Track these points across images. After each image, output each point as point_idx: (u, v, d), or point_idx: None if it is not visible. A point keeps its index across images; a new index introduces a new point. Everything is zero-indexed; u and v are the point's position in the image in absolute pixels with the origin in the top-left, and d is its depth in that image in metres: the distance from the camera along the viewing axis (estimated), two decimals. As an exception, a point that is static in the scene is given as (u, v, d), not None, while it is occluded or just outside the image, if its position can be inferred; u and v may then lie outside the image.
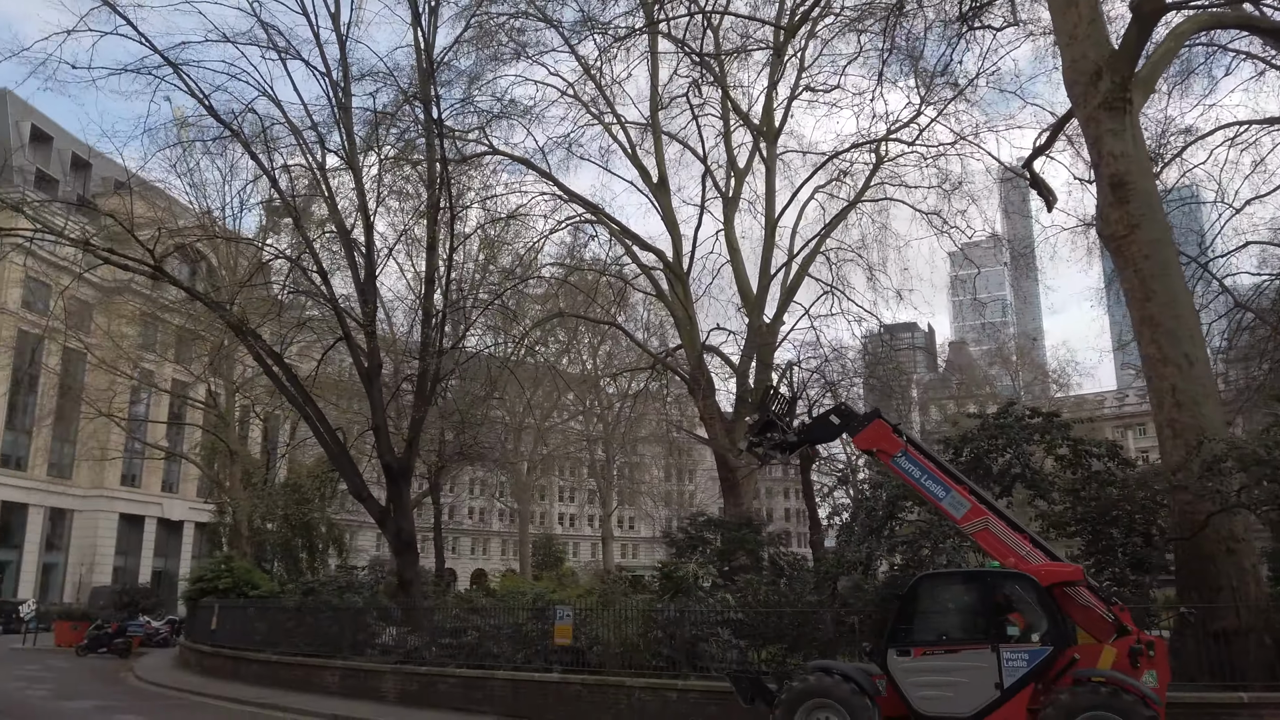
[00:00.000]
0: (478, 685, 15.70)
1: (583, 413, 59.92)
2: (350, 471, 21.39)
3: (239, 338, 20.79)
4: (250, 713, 16.34)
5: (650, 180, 30.95)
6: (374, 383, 21.34)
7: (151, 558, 60.48)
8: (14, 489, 51.32)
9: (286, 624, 21.35)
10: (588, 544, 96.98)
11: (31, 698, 18.40)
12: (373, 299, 21.49)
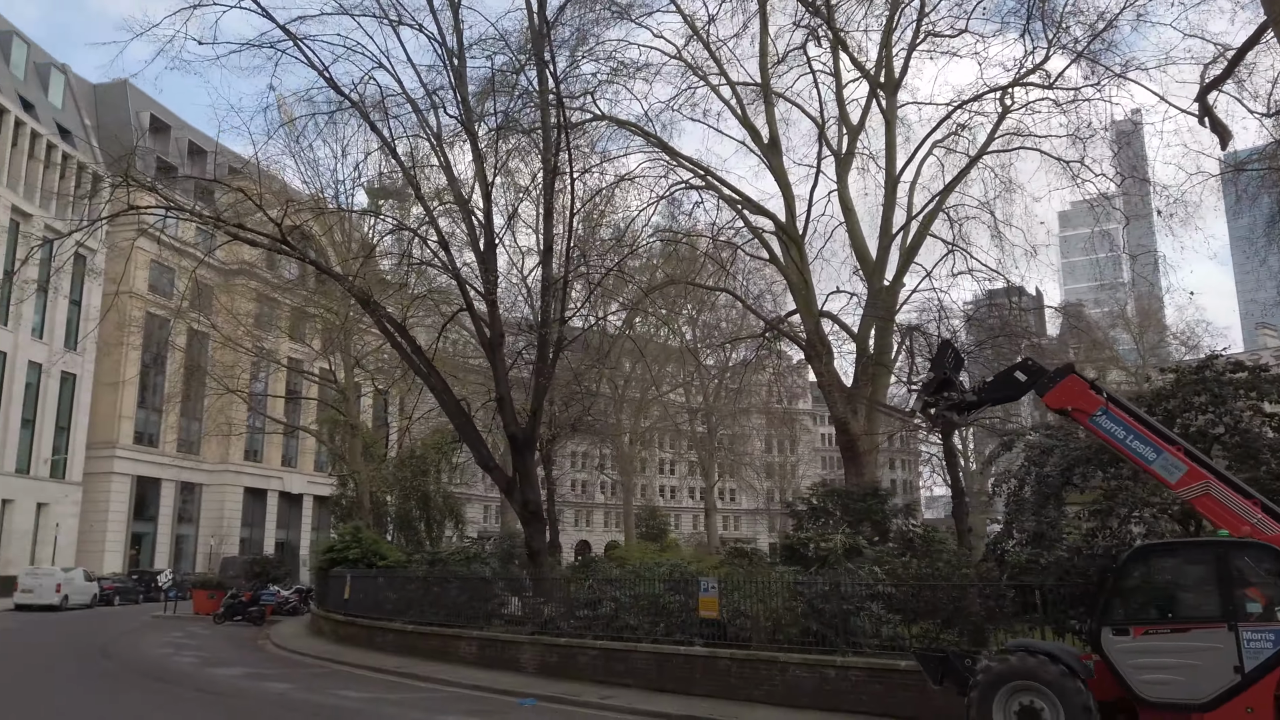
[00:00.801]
0: (619, 658, 15.30)
1: (684, 385, 59.41)
2: (477, 442, 21.28)
3: (365, 309, 20.82)
4: (393, 682, 16.37)
5: (760, 141, 29.86)
6: (497, 352, 21.12)
7: (274, 529, 63.00)
8: (149, 464, 53.97)
9: (415, 593, 21.54)
10: (689, 516, 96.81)
11: (183, 664, 18.95)
12: (493, 267, 21.19)
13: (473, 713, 12.81)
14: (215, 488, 58.66)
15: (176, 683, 15.75)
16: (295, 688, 15.12)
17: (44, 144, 47.01)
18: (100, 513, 50.60)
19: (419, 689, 15.54)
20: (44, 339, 47.11)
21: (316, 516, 67.27)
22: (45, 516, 47.22)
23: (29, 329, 45.98)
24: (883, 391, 30.02)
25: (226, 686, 15.27)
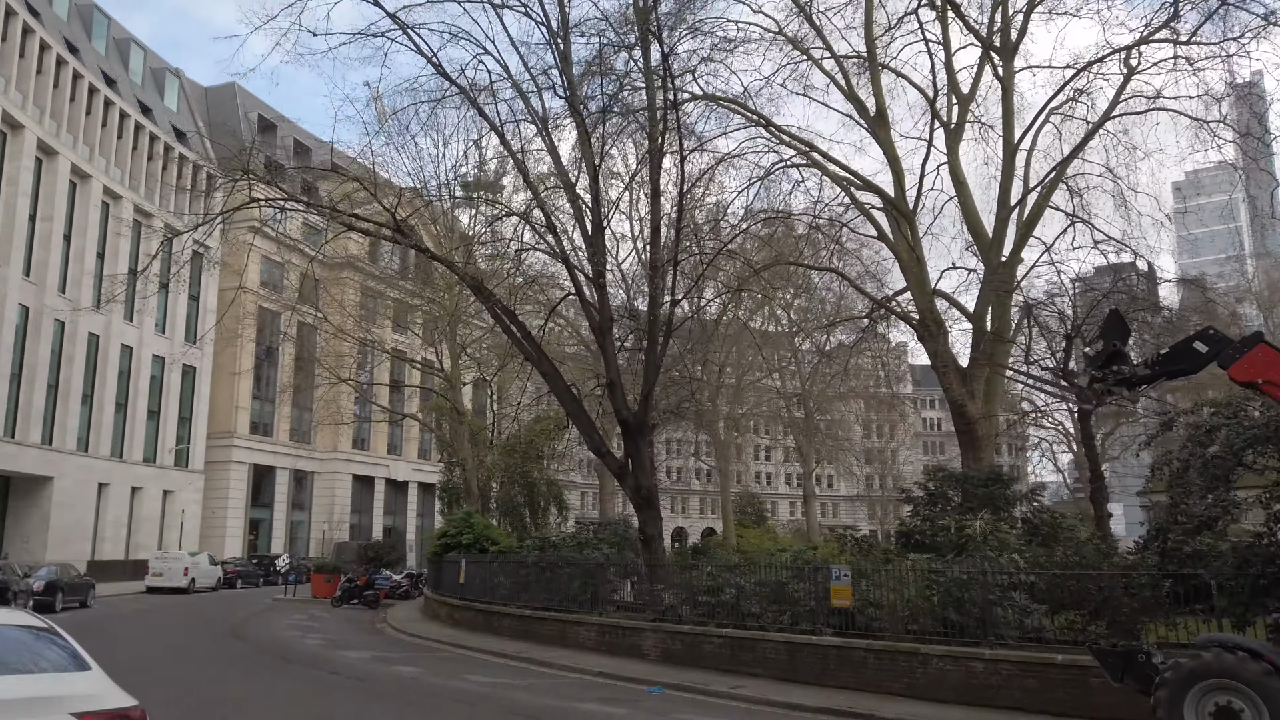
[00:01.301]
0: (746, 646, 14.89)
1: (780, 370, 58.48)
2: (588, 427, 21.13)
3: (477, 295, 20.87)
4: (517, 667, 16.34)
5: (866, 114, 28.80)
6: (606, 337, 20.90)
7: (381, 515, 64.81)
8: (264, 453, 56.11)
9: (528, 578, 21.62)
10: (786, 502, 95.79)
11: (312, 646, 19.40)
12: (602, 250, 20.97)
13: (605, 700, 12.59)
14: (326, 475, 60.65)
15: (311, 665, 16.06)
16: (424, 672, 15.22)
17: (161, 146, 49.12)
18: (220, 499, 52.88)
19: (544, 675, 15.45)
20: (166, 333, 49.35)
21: (421, 503, 69.01)
22: (171, 503, 49.58)
23: (152, 324, 48.19)
24: (1002, 372, 28.79)
25: (359, 670, 15.48)
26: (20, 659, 5.41)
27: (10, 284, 37.99)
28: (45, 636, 5.75)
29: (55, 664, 5.43)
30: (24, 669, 5.33)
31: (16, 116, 38.02)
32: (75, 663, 5.49)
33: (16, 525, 40.94)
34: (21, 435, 38.96)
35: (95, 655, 5.75)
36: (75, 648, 5.70)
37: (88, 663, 5.53)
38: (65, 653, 5.59)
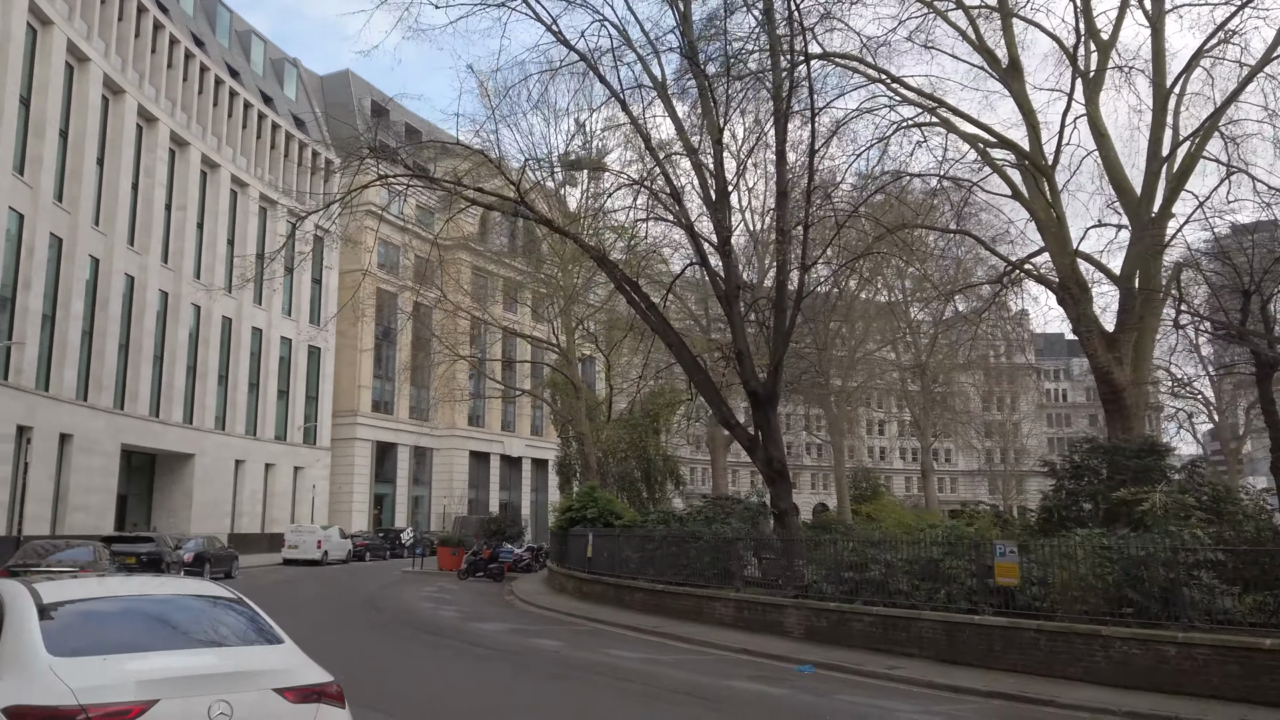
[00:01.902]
0: (900, 625, 14.16)
1: (895, 340, 56.60)
2: (716, 399, 20.62)
3: (601, 267, 20.57)
4: (656, 642, 16.05)
5: (999, 66, 27.08)
6: (733, 305, 20.28)
7: (497, 490, 66.10)
8: (386, 430, 57.82)
9: (655, 553, 21.38)
10: (901, 478, 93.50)
11: (448, 617, 19.63)
12: (727, 217, 20.32)
13: (756, 678, 12.11)
14: (444, 451, 62.15)
15: (451, 636, 16.16)
16: (565, 645, 15.08)
17: (283, 134, 50.73)
18: (346, 475, 54.80)
19: (684, 650, 15.10)
20: (292, 316, 51.18)
21: (534, 478, 70.10)
22: (301, 479, 51.63)
23: (280, 307, 50.04)
24: (1151, 336, 26.89)
25: (500, 642, 15.47)
26: (214, 632, 5.25)
27: (150, 271, 39.90)
28: (235, 608, 5.60)
29: (248, 637, 5.25)
30: (220, 642, 5.17)
31: (151, 110, 39.75)
32: (267, 635, 5.30)
33: (163, 500, 43.30)
34: (165, 415, 41.05)
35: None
36: (266, 620, 5.52)
37: (280, 635, 5.33)
38: (257, 625, 5.42)
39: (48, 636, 4.63)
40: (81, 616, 5.00)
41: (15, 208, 31.63)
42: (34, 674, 4.36)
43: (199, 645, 5.07)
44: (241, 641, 5.18)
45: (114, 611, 5.18)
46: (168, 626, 5.16)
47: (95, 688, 4.21)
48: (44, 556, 18.63)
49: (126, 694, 4.22)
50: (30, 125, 32.62)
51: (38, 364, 33.09)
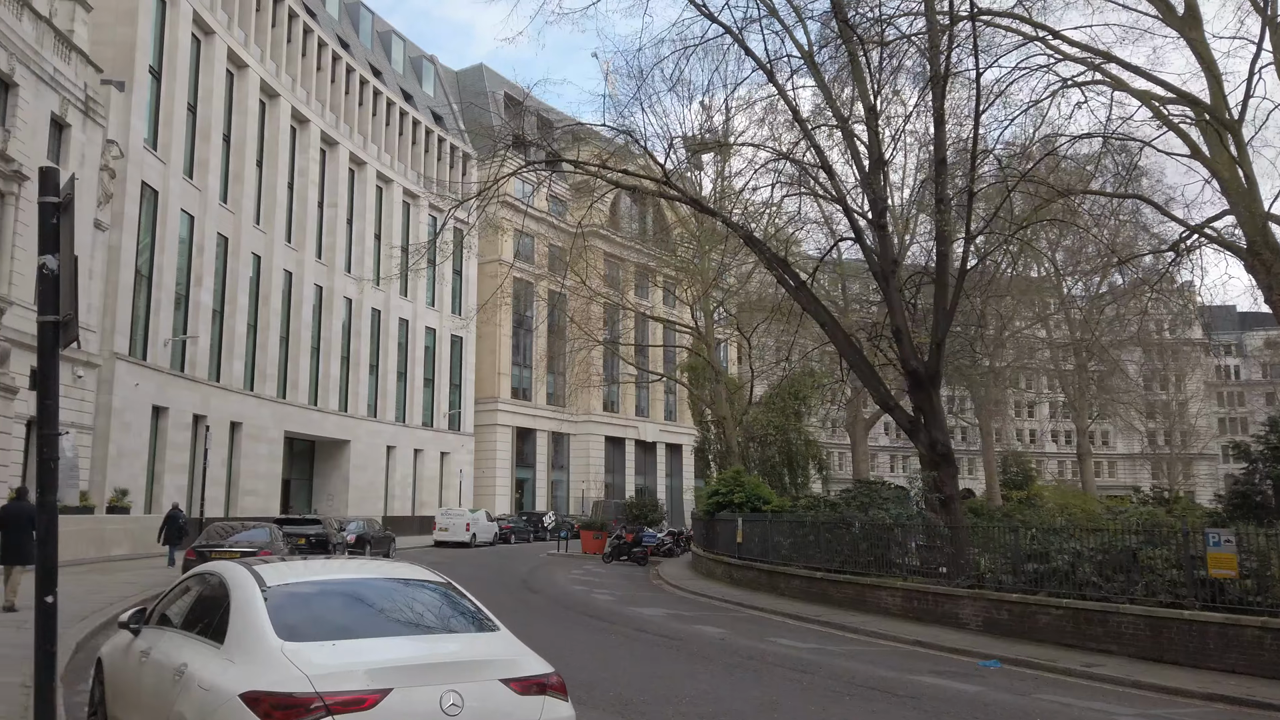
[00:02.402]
0: (1094, 620, 13.08)
1: (1047, 317, 53.43)
2: (874, 380, 19.76)
3: (749, 246, 20.03)
4: (820, 631, 15.48)
5: (1173, 15, 24.79)
6: (889, 282, 19.31)
7: (633, 475, 66.50)
8: (525, 416, 59.04)
9: (807, 538, 20.78)
10: (1053, 462, 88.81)
11: (604, 601, 19.63)
12: (881, 189, 19.36)
13: (941, 673, 11.40)
14: (580, 437, 62.99)
15: (611, 620, 16.08)
16: (729, 633, 14.71)
17: (423, 130, 52.29)
18: (489, 460, 56.29)
19: (853, 641, 14.47)
20: (435, 306, 52.81)
21: (668, 463, 70.20)
22: (448, 464, 53.36)
23: (424, 298, 51.71)
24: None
25: (664, 628, 15.26)
26: (434, 617, 5.11)
27: (307, 266, 41.88)
28: (448, 593, 5.45)
29: (465, 623, 5.08)
30: (440, 628, 5.02)
31: (303, 112, 41.61)
32: (482, 622, 5.11)
33: (323, 484, 45.56)
34: (323, 403, 43.10)
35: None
36: (479, 606, 5.34)
37: (495, 622, 5.14)
38: (471, 611, 5.24)
39: (275, 620, 4.56)
40: (304, 600, 4.93)
41: (186, 210, 33.71)
42: (266, 659, 4.28)
43: (421, 631, 4.92)
44: (461, 628, 5.01)
45: (334, 595, 5.10)
46: (387, 611, 5.04)
47: (329, 674, 4.08)
48: (225, 537, 19.62)
49: (360, 682, 4.08)
50: (197, 131, 34.65)
51: (210, 356, 35.25)
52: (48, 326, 4.41)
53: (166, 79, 32.68)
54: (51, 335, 4.36)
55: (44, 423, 4.65)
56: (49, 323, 4.42)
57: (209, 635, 4.87)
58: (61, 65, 26.44)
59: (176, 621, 5.57)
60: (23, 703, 7.72)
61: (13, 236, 24.32)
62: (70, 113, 26.78)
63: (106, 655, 6.42)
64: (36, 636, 4.90)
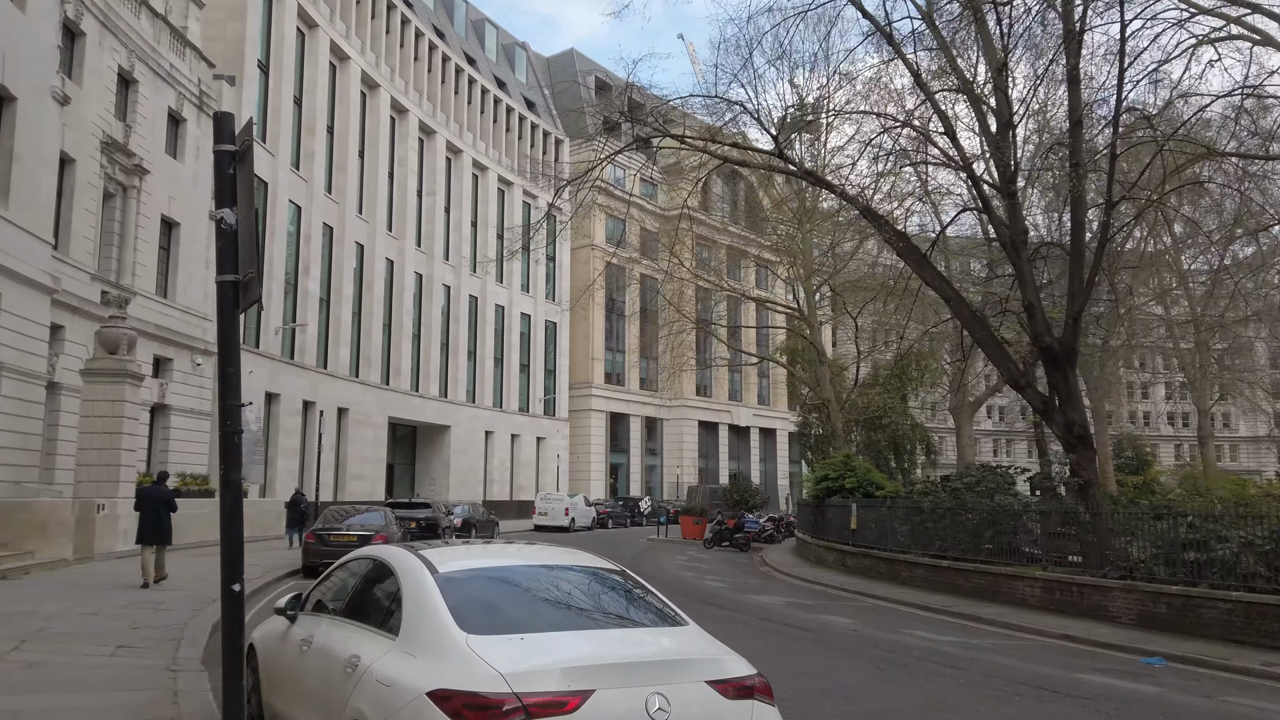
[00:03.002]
0: (1270, 614, 11.95)
1: (1164, 294, 50.36)
2: (1003, 358, 18.68)
3: (867, 218, 19.15)
4: (955, 623, 14.67)
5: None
6: (1020, 253, 18.19)
7: (726, 460, 65.88)
8: (618, 401, 58.99)
9: (924, 525, 19.89)
10: (1169, 445, 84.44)
11: (716, 588, 19.18)
12: (1009, 154, 18.22)
13: (1106, 671, 10.53)
14: (673, 422, 62.65)
15: (733, 608, 15.61)
16: (859, 624, 14.05)
17: (516, 117, 52.46)
18: (584, 445, 56.44)
19: (994, 634, 13.62)
20: (529, 292, 53.08)
21: (762, 448, 69.33)
22: (543, 449, 53.69)
23: (519, 285, 52.01)
24: None
25: (789, 617, 14.71)
26: (620, 609, 4.67)
27: (407, 254, 42.48)
28: (627, 583, 5.01)
29: (648, 616, 4.63)
30: (630, 621, 4.58)
31: (402, 102, 42.13)
32: (670, 616, 4.65)
33: (424, 469, 46.35)
34: (424, 389, 43.76)
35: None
36: (662, 597, 4.89)
37: (682, 615, 4.67)
38: (651, 602, 4.79)
39: (454, 611, 4.18)
40: (479, 589, 4.54)
41: (294, 200, 34.46)
42: (452, 653, 3.90)
43: (607, 624, 4.49)
44: (647, 621, 4.55)
45: (508, 583, 4.70)
46: (565, 601, 4.63)
47: (525, 673, 3.66)
48: (341, 520, 19.86)
49: (558, 681, 3.65)
50: (303, 123, 35.36)
51: (317, 344, 36.06)
52: (227, 286, 4.09)
53: (274, 73, 33.41)
54: (231, 296, 4.04)
55: (226, 392, 4.35)
56: (228, 282, 4.09)
57: (379, 625, 4.54)
58: (177, 61, 27.18)
59: (336, 609, 5.28)
60: (169, 686, 7.66)
61: (135, 229, 25.12)
62: (186, 107, 27.54)
63: (260, 641, 6.22)
64: (224, 630, 4.67)
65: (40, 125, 19.86)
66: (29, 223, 19.38)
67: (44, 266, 20.06)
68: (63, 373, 21.65)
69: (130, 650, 9.36)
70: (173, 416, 26.88)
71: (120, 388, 20.47)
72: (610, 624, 4.49)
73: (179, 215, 27.16)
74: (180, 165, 27.43)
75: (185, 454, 27.23)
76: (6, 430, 18.71)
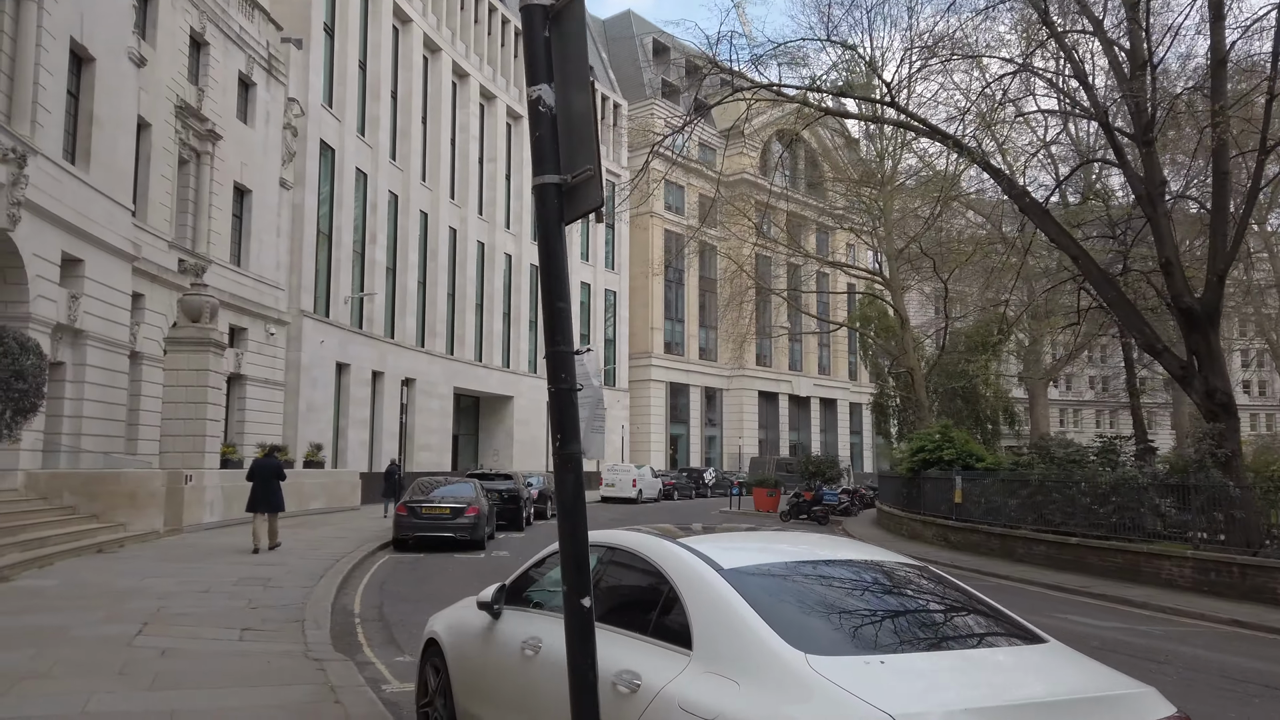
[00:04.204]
0: None
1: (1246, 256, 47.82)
2: (1137, 320, 17.38)
3: (987, 171, 17.88)
4: (1102, 606, 13.60)
5: None
6: (1158, 206, 16.83)
7: (786, 430, 64.74)
8: (678, 371, 58.05)
9: (1035, 499, 18.74)
10: (1261, 415, 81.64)
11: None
12: (1145, 99, 16.77)
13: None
14: (733, 392, 61.61)
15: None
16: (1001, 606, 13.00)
17: (574, 82, 51.29)
18: (644, 416, 55.68)
19: (1159, 620, 12.52)
20: (589, 261, 52.18)
21: (823, 418, 68.01)
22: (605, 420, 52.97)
23: (578, 253, 51.10)
24: None
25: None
26: (957, 621, 3.70)
27: (470, 223, 41.78)
28: (939, 581, 4.06)
29: (996, 628, 3.64)
30: (978, 638, 3.59)
31: (463, 66, 41.23)
32: (1018, 628, 3.66)
33: (488, 440, 45.95)
34: (487, 359, 43.23)
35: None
36: (992, 602, 3.93)
37: (1030, 626, 3.70)
38: (986, 609, 3.82)
39: (770, 620, 3.28)
40: (778, 589, 3.61)
41: (360, 167, 33.83)
42: (795, 681, 2.97)
43: (966, 643, 3.52)
44: (1006, 637, 3.57)
45: (814, 584, 3.77)
46: (895, 608, 3.68)
47: (916, 715, 2.72)
48: (428, 493, 19.23)
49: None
50: (368, 88, 34.63)
51: (384, 313, 35.58)
52: (548, 190, 3.09)
53: (339, 36, 32.65)
54: (554, 202, 3.09)
55: (554, 335, 3.30)
56: (549, 185, 3.09)
57: (654, 634, 3.64)
58: (246, 24, 26.51)
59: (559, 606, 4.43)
60: (321, 680, 6.93)
61: (209, 196, 24.61)
62: (255, 71, 26.91)
63: (448, 638, 5.39)
64: (570, 655, 3.34)
65: (118, 87, 19.30)
66: (110, 188, 18.88)
67: (125, 233, 19.60)
68: (144, 342, 21.28)
69: (258, 634, 8.71)
70: (248, 387, 26.53)
71: (204, 356, 20.02)
72: (963, 641, 3.52)
73: (250, 182, 26.62)
74: (251, 130, 26.84)
75: (260, 424, 26.90)
76: (94, 400, 18.36)
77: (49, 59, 16.62)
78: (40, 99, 16.38)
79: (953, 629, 3.61)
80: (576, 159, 2.97)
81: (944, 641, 3.46)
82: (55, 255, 17.12)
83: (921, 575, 4.04)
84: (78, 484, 16.68)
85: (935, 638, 3.48)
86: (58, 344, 17.36)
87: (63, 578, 11.91)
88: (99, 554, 14.59)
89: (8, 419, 13.09)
